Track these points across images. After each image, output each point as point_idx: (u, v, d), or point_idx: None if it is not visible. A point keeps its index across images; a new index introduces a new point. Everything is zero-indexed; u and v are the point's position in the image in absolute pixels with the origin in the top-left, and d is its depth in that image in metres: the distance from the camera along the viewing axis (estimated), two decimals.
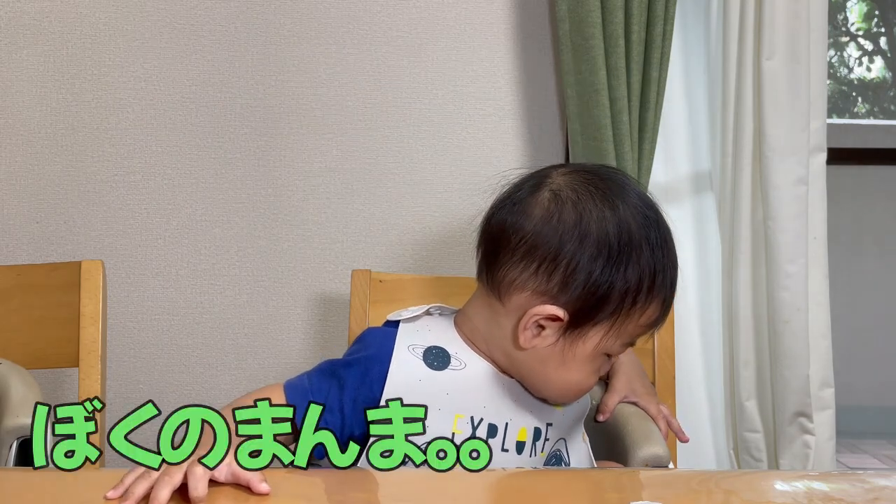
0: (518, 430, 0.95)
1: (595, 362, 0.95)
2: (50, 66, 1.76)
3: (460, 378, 0.94)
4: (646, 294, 0.93)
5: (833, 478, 0.84)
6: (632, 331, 0.94)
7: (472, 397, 0.94)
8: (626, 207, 0.94)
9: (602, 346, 0.94)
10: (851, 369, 2.79)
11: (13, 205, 1.77)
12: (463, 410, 0.93)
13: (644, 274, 0.93)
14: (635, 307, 0.93)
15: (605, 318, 0.93)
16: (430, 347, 0.96)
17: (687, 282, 1.87)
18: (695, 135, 1.89)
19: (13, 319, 1.29)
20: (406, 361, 0.94)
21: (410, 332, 0.97)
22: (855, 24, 4.17)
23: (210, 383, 1.80)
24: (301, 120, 1.79)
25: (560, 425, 1.00)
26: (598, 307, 0.92)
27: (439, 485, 0.76)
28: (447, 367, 0.95)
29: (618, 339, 0.94)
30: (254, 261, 1.80)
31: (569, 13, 1.70)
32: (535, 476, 0.86)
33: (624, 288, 0.92)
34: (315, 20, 1.79)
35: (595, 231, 0.92)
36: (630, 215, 0.94)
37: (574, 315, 0.92)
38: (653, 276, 0.93)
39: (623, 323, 0.93)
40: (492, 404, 0.94)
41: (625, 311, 0.93)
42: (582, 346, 0.94)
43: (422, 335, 0.97)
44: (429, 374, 0.94)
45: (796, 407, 1.79)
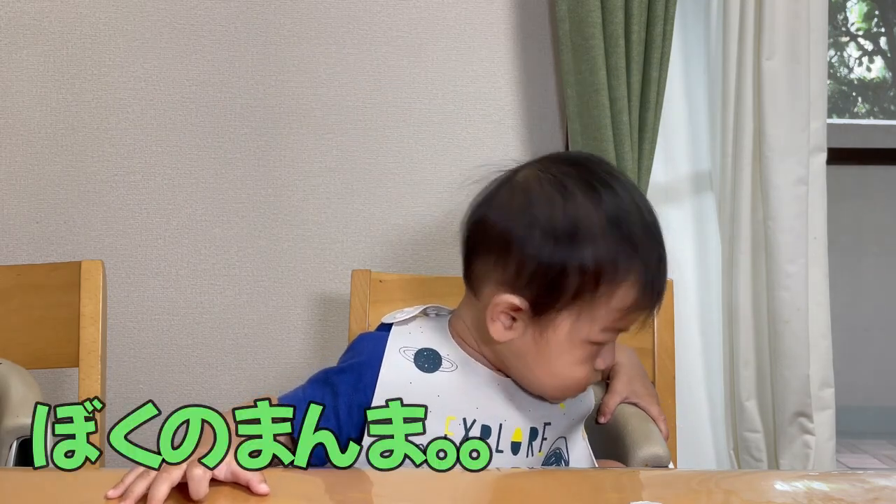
0: (513, 430, 0.94)
1: (576, 352, 0.92)
2: (50, 66, 1.76)
3: (451, 380, 0.94)
4: (611, 276, 0.90)
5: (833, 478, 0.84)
6: (606, 316, 0.91)
7: (463, 399, 0.93)
8: (586, 190, 0.93)
9: (577, 334, 0.91)
10: (851, 369, 2.79)
11: (13, 205, 1.77)
12: (455, 412, 0.92)
13: (602, 256, 0.90)
14: (599, 290, 0.90)
15: (569, 304, 0.90)
16: (422, 350, 0.96)
17: (687, 282, 1.88)
18: (695, 135, 1.89)
19: (13, 319, 1.29)
20: (396, 365, 0.94)
21: (403, 335, 0.97)
22: (855, 24, 4.17)
23: (210, 383, 1.80)
24: (301, 120, 1.79)
25: (560, 424, 0.99)
26: (556, 292, 0.90)
27: (439, 485, 0.76)
28: (438, 368, 0.95)
29: (593, 325, 0.91)
30: (254, 261, 1.80)
31: (569, 13, 1.70)
32: (535, 476, 0.86)
33: (579, 271, 0.90)
34: (315, 20, 1.79)
35: (543, 215, 0.92)
36: (589, 197, 0.93)
37: (534, 302, 0.91)
38: (614, 258, 0.90)
39: (591, 308, 0.91)
40: (484, 405, 0.94)
41: (588, 295, 0.90)
42: (553, 334, 0.92)
43: (414, 337, 0.97)
44: (419, 377, 0.94)
45: (796, 407, 1.79)
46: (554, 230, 0.91)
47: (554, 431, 0.98)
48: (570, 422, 1.01)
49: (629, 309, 0.92)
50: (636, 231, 0.93)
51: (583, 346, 0.92)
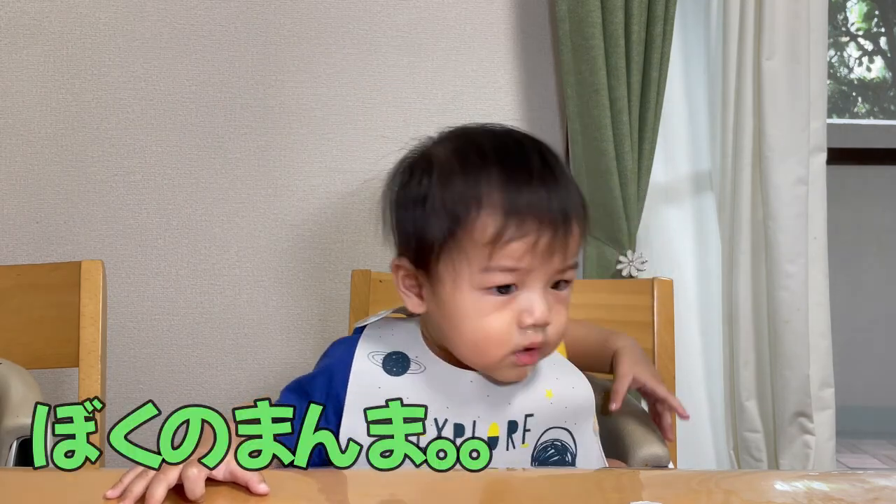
0: (488, 426, 0.93)
1: (477, 304, 0.88)
2: (50, 66, 1.76)
3: (420, 381, 0.93)
4: (462, 210, 0.88)
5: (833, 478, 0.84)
6: (479, 254, 0.87)
7: (433, 399, 0.92)
8: (445, 135, 0.94)
9: (462, 282, 0.88)
10: (851, 369, 2.79)
11: (13, 205, 1.77)
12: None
13: (447, 191, 0.89)
14: (459, 228, 0.88)
15: (439, 250, 0.89)
16: (391, 353, 0.96)
17: (687, 282, 1.88)
18: (695, 135, 1.90)
19: (13, 319, 1.29)
20: (364, 371, 0.94)
21: (373, 339, 0.97)
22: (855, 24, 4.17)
23: (210, 383, 1.80)
24: (301, 120, 1.79)
25: (547, 414, 0.95)
26: (421, 242, 0.90)
27: (439, 485, 0.76)
28: (406, 371, 0.94)
29: (471, 268, 0.88)
30: (254, 261, 1.80)
31: (569, 13, 1.70)
32: (534, 476, 0.86)
33: (432, 211, 0.89)
34: (315, 20, 1.79)
35: (401, 167, 0.94)
36: (443, 139, 0.94)
37: (414, 260, 0.92)
38: (460, 191, 0.88)
39: (460, 249, 0.88)
40: (455, 404, 0.93)
41: (451, 236, 0.88)
42: (443, 289, 0.90)
43: (385, 341, 0.97)
44: (388, 381, 0.93)
45: (796, 407, 1.79)
46: (406, 177, 0.93)
47: (540, 422, 0.95)
48: (563, 412, 0.96)
49: (496, 240, 0.87)
50: (485, 159, 0.90)
51: (479, 295, 0.88)
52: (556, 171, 0.91)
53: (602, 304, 1.37)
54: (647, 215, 1.79)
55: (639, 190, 1.73)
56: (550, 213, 0.88)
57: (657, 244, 1.85)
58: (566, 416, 0.97)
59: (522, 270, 0.88)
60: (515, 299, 0.88)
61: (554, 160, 0.93)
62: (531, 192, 0.88)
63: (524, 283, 0.88)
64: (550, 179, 0.90)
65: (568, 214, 0.89)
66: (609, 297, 1.37)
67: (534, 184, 0.89)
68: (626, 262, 1.73)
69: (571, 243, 0.90)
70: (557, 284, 0.91)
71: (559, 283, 0.91)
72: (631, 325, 1.32)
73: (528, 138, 0.95)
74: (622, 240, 1.74)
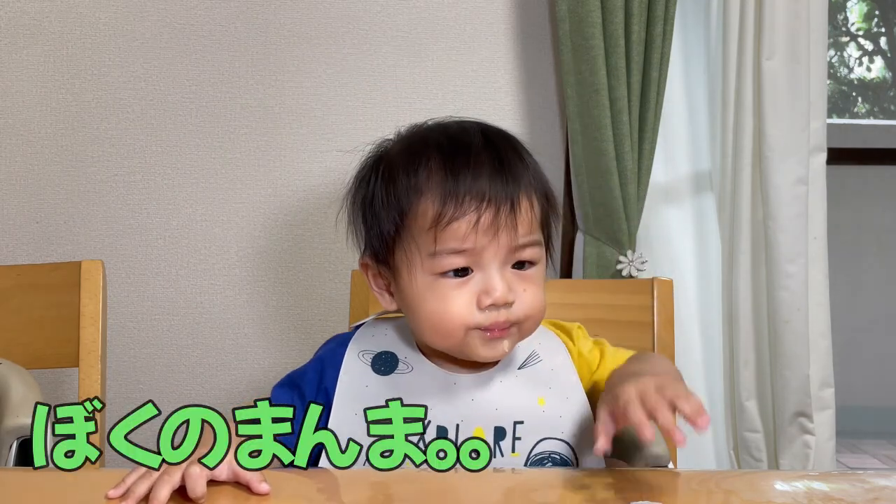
0: (472, 430, 0.92)
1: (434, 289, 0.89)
2: (50, 66, 1.76)
3: (406, 381, 0.94)
4: (404, 196, 0.90)
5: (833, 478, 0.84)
6: (425, 238, 0.89)
7: (417, 400, 0.89)
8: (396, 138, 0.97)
9: (415, 269, 0.90)
10: (851, 369, 2.79)
11: (13, 205, 1.77)
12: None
13: (391, 180, 0.92)
14: (406, 216, 0.90)
15: (393, 243, 0.92)
16: (380, 353, 0.97)
17: (687, 282, 1.88)
18: (695, 135, 1.89)
19: (13, 319, 1.29)
20: (353, 370, 0.95)
21: (366, 338, 0.99)
22: (855, 24, 4.16)
23: (210, 383, 1.80)
24: (301, 120, 1.79)
25: (539, 423, 0.93)
26: (377, 238, 0.93)
27: (439, 485, 0.76)
28: (393, 371, 0.95)
29: (421, 253, 0.89)
30: (254, 261, 1.80)
31: (569, 13, 1.70)
32: (534, 476, 0.86)
33: (379, 201, 0.92)
34: (315, 20, 1.79)
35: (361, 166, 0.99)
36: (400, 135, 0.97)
37: (373, 256, 0.95)
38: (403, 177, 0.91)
39: (411, 237, 0.90)
40: (438, 406, 0.92)
41: (400, 226, 0.91)
42: (401, 279, 0.92)
43: (377, 340, 0.98)
44: (375, 380, 0.94)
45: (796, 407, 1.79)
46: (360, 178, 0.97)
47: (531, 430, 0.93)
48: (559, 421, 0.94)
49: (438, 223, 0.88)
50: (426, 148, 0.92)
51: (434, 280, 0.89)
52: (502, 153, 0.92)
53: (602, 304, 1.37)
54: (647, 215, 1.79)
55: (639, 190, 1.73)
56: (492, 192, 0.88)
57: (657, 244, 1.85)
58: (562, 426, 0.94)
59: (471, 251, 0.88)
60: (472, 280, 0.89)
61: (504, 144, 0.94)
62: (469, 174, 0.89)
63: (478, 265, 0.89)
64: (492, 161, 0.90)
65: (512, 192, 0.89)
66: (609, 297, 1.37)
67: (473, 166, 0.89)
68: (626, 262, 1.73)
69: (521, 221, 0.89)
70: (523, 265, 0.91)
71: (524, 263, 0.91)
72: (631, 325, 1.33)
73: (477, 126, 0.96)
74: (622, 240, 1.74)
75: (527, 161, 0.95)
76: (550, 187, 0.97)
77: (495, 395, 0.93)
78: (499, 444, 0.92)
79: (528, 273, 0.91)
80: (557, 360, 0.98)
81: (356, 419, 0.91)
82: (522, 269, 0.91)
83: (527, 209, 0.90)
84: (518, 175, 0.91)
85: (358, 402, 0.92)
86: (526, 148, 0.98)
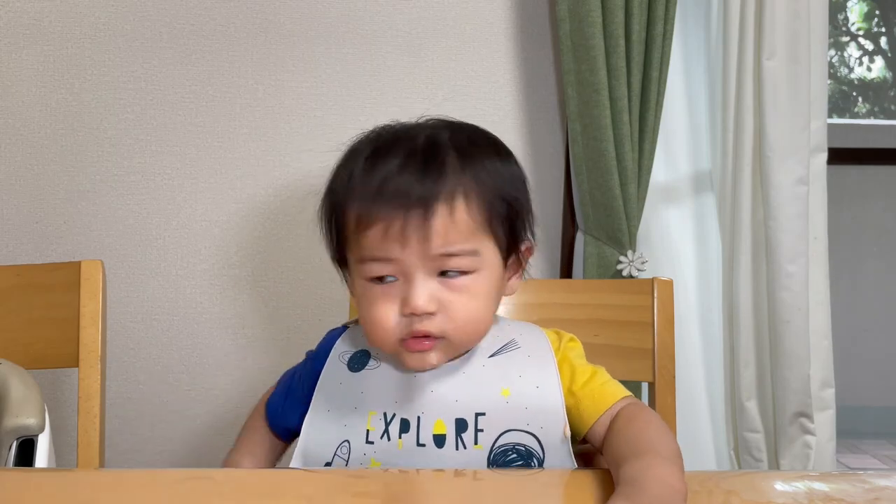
0: (433, 422, 0.90)
1: (365, 293, 0.91)
2: (50, 66, 1.76)
3: (374, 376, 0.95)
4: (338, 205, 0.93)
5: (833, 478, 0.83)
6: (354, 244, 0.90)
7: (383, 394, 0.93)
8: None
9: (356, 274, 0.92)
10: (851, 369, 2.79)
11: (13, 205, 1.77)
12: (375, 407, 0.92)
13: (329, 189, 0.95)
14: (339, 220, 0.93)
15: (339, 246, 0.95)
16: (357, 352, 0.98)
17: (687, 282, 1.88)
18: (695, 135, 1.90)
19: (13, 319, 1.29)
20: (332, 370, 0.98)
21: (348, 340, 1.01)
22: (855, 24, 4.16)
23: (210, 383, 1.80)
24: (301, 119, 1.79)
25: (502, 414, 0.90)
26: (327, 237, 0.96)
27: (439, 485, 0.76)
28: (364, 367, 0.96)
29: (354, 258, 0.92)
30: (254, 261, 1.80)
31: (569, 13, 1.70)
32: (534, 475, 0.86)
33: (324, 209, 0.96)
34: (315, 20, 1.79)
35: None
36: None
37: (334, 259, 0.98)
38: (334, 187, 0.94)
39: (347, 241, 0.92)
40: (403, 399, 0.92)
41: (337, 230, 0.94)
42: (350, 283, 0.95)
43: (356, 341, 1.00)
44: (348, 377, 0.96)
45: (797, 407, 1.79)
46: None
47: (494, 422, 0.90)
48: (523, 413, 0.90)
49: (356, 230, 0.89)
50: (359, 153, 0.93)
51: (364, 285, 0.91)
52: (440, 157, 0.89)
53: (602, 304, 1.37)
54: (647, 215, 1.79)
55: (639, 190, 1.73)
56: (404, 198, 0.86)
57: (657, 244, 1.85)
58: (527, 417, 0.90)
59: (393, 260, 0.88)
60: (397, 288, 0.89)
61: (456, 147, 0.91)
62: (389, 180, 0.87)
63: (402, 272, 0.88)
64: (419, 165, 0.88)
65: (427, 198, 0.86)
66: (609, 297, 1.37)
67: (396, 171, 0.88)
68: (626, 262, 1.73)
69: (438, 228, 0.86)
70: (452, 274, 0.89)
71: (453, 272, 0.88)
72: (631, 325, 1.33)
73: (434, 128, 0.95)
74: (622, 240, 1.74)
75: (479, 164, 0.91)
76: (515, 189, 0.93)
77: (456, 386, 0.92)
78: (460, 436, 0.90)
79: (458, 283, 0.89)
80: (535, 349, 0.96)
81: (328, 415, 0.94)
82: (452, 278, 0.89)
83: (443, 216, 0.87)
84: (445, 180, 0.88)
85: (335, 397, 0.95)
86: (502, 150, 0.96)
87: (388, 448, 0.90)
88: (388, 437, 0.90)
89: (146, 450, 1.77)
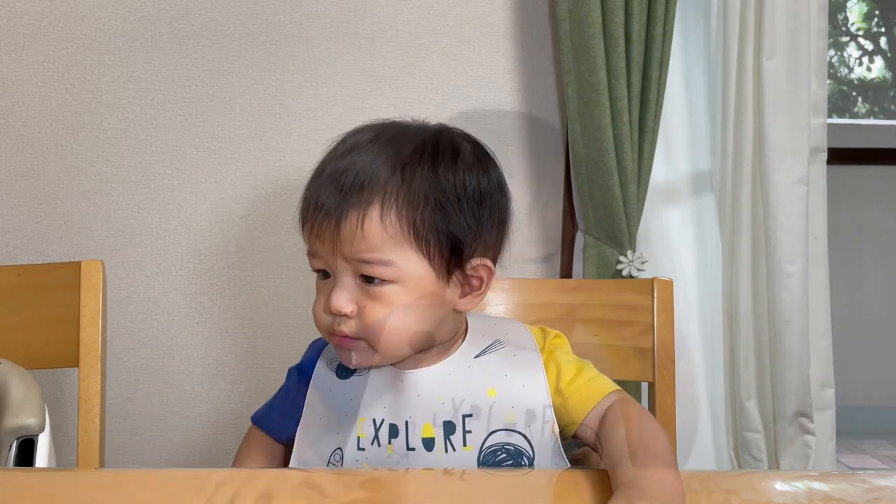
0: (421, 426, 0.91)
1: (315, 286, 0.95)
2: (50, 66, 1.76)
3: (363, 383, 0.95)
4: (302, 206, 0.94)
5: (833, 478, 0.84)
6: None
7: (372, 400, 0.93)
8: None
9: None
10: (851, 369, 2.79)
11: (13, 205, 1.77)
12: (365, 413, 0.92)
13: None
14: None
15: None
16: None
17: (687, 282, 1.88)
18: (695, 135, 1.90)
19: (13, 319, 1.28)
20: (321, 376, 0.98)
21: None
22: (855, 24, 4.16)
23: (210, 383, 1.80)
24: (301, 120, 1.79)
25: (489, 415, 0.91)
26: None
27: (439, 485, 0.76)
28: (353, 374, 0.96)
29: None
30: (254, 261, 1.80)
31: (569, 13, 1.70)
32: (533, 475, 0.86)
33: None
34: (315, 20, 1.79)
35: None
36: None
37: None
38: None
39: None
40: (390, 405, 0.92)
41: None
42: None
43: None
44: (337, 384, 0.96)
45: (797, 407, 1.79)
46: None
47: (482, 423, 0.91)
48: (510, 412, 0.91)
49: (301, 224, 0.93)
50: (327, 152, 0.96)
51: (316, 278, 0.94)
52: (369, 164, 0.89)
53: (602, 304, 1.37)
54: (647, 215, 1.79)
55: (639, 190, 1.73)
56: (327, 200, 0.89)
57: (657, 244, 1.85)
58: (515, 417, 0.91)
59: (319, 256, 0.91)
60: (329, 285, 0.91)
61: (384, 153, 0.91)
62: (324, 180, 0.91)
63: (332, 270, 0.91)
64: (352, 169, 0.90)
65: (342, 203, 0.88)
66: (609, 297, 1.37)
67: (331, 171, 0.91)
68: (626, 262, 1.73)
69: (347, 235, 0.87)
70: (372, 280, 0.88)
71: (373, 279, 0.88)
72: (631, 325, 1.32)
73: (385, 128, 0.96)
74: (622, 240, 1.74)
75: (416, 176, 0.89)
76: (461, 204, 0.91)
77: (442, 389, 0.92)
78: (449, 439, 0.90)
79: (377, 290, 0.88)
80: (521, 348, 0.95)
81: (320, 423, 0.94)
82: (375, 284, 0.88)
83: (360, 225, 0.87)
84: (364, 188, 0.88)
85: (324, 404, 0.95)
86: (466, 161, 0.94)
87: (378, 454, 0.90)
88: (378, 443, 0.91)
89: (146, 450, 1.77)
